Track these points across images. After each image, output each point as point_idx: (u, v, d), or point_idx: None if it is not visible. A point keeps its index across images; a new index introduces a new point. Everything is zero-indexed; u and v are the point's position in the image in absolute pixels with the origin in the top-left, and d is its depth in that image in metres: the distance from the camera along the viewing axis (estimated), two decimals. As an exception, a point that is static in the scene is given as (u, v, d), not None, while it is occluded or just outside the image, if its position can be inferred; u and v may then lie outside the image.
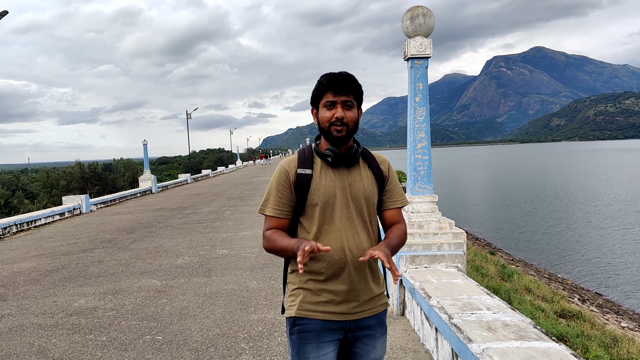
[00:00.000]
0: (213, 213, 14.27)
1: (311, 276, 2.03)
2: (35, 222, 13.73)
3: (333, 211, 2.02)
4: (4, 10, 15.09)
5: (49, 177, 46.12)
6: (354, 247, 2.01)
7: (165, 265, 7.69)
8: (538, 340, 3.07)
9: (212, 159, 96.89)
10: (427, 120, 5.59)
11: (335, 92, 1.99)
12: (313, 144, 2.16)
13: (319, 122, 2.06)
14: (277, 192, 2.07)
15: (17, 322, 5.30)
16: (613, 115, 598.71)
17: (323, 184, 2.03)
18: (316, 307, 2.02)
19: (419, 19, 5.36)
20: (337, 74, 2.01)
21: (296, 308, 2.04)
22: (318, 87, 2.04)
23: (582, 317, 7.72)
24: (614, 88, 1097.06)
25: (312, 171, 2.06)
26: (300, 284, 2.05)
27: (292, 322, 2.06)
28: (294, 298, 2.07)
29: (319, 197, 2.02)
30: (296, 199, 2.06)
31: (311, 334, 2.02)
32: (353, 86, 2.01)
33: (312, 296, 2.02)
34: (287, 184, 2.06)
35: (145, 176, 26.41)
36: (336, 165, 2.07)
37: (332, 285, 2.01)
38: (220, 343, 4.42)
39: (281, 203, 2.06)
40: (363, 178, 2.10)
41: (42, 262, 8.53)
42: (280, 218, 2.07)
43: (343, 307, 2.02)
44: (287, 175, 2.06)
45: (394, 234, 2.11)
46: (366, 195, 2.07)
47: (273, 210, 2.07)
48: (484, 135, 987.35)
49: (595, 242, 18.27)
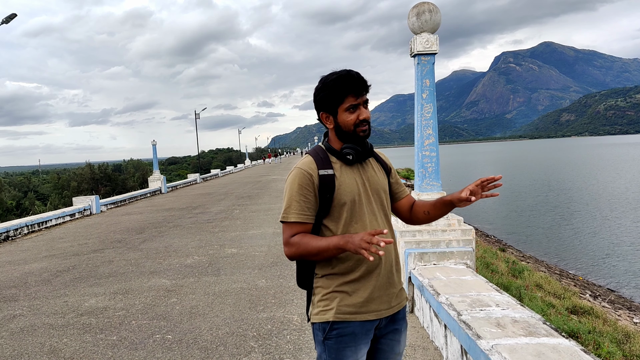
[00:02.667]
0: (222, 212, 14.31)
1: (345, 278, 1.98)
2: (46, 223, 13.85)
3: (361, 208, 2.01)
4: (13, 13, 15.23)
5: (60, 179, 46.48)
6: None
7: (175, 265, 7.72)
8: (548, 337, 3.05)
9: (221, 158, 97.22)
10: (434, 116, 5.56)
11: (358, 95, 1.97)
12: (323, 144, 2.12)
13: (341, 126, 2.01)
14: (300, 197, 1.98)
15: (28, 322, 5.35)
16: (624, 110, 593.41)
17: (346, 182, 2.01)
18: (354, 308, 1.97)
19: (425, 15, 5.34)
20: (350, 76, 1.97)
21: (333, 312, 1.97)
22: (334, 92, 1.98)
23: (594, 314, 7.66)
24: (625, 82, 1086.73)
25: (333, 171, 2.01)
26: (334, 287, 1.99)
27: (330, 327, 1.98)
28: (327, 302, 2.00)
29: (346, 195, 1.98)
30: (320, 201, 2.00)
31: (349, 337, 1.97)
32: (366, 84, 2.00)
33: (349, 298, 1.98)
34: (311, 187, 1.98)
35: (154, 176, 26.55)
36: (352, 163, 2.05)
37: (368, 282, 1.98)
38: (229, 341, 4.43)
39: (306, 207, 1.98)
40: (377, 172, 2.12)
41: (53, 262, 8.60)
42: (306, 223, 1.99)
43: (379, 304, 2.00)
44: (310, 179, 1.98)
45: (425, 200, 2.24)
46: (384, 188, 2.11)
47: (298, 215, 1.98)
48: (493, 131, 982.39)
49: (607, 237, 18.12)
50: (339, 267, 1.98)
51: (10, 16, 15.55)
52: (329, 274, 2.01)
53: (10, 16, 15.55)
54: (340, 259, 1.97)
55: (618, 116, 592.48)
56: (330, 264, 2.00)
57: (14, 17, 15.60)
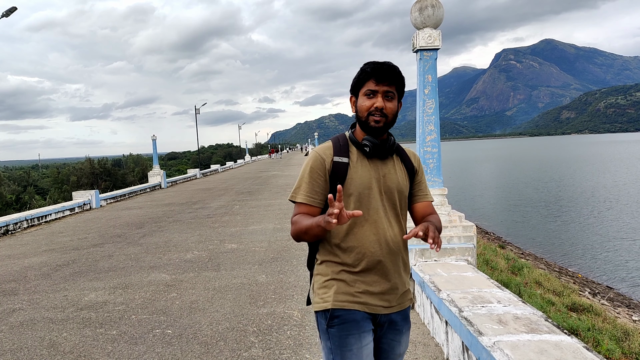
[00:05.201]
0: (222, 207, 14.30)
1: (344, 267, 1.98)
2: (45, 218, 13.83)
3: (369, 202, 1.97)
4: (13, 7, 15.17)
5: (60, 173, 46.47)
6: (389, 239, 1.98)
7: (175, 260, 7.71)
8: (550, 333, 3.04)
9: (221, 154, 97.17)
10: (436, 112, 5.54)
11: (378, 81, 1.93)
12: (348, 132, 2.11)
13: (357, 111, 2.01)
14: (311, 179, 2.00)
15: (28, 316, 5.34)
16: (624, 108, 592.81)
17: (359, 174, 1.98)
18: (352, 297, 1.96)
19: (427, 10, 5.31)
20: (382, 63, 1.96)
21: (332, 300, 1.97)
22: (360, 75, 1.98)
23: (593, 311, 7.66)
24: (625, 80, 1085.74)
25: (348, 160, 2.00)
26: (332, 274, 1.99)
27: (331, 315, 1.97)
28: (326, 290, 2.00)
29: (356, 186, 1.97)
30: (330, 187, 1.99)
31: (352, 324, 1.95)
32: (396, 77, 1.95)
33: (347, 287, 1.97)
34: (322, 172, 1.99)
35: (154, 171, 26.52)
36: (371, 156, 2.02)
37: (367, 277, 1.97)
38: (229, 337, 4.42)
39: (314, 191, 1.99)
40: (397, 170, 2.06)
41: (53, 256, 8.59)
42: (312, 206, 1.99)
43: (377, 299, 1.98)
44: (322, 163, 1.99)
45: (433, 217, 2.10)
46: (399, 188, 2.04)
47: (305, 197, 1.99)
48: (493, 128, 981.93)
49: (605, 234, 18.12)
50: (339, 257, 1.98)
51: (10, 9, 15.49)
52: (328, 261, 2.01)
53: (10, 9, 15.49)
54: (342, 249, 1.97)
55: (618, 114, 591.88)
56: (331, 252, 2.00)
57: (14, 10, 15.54)
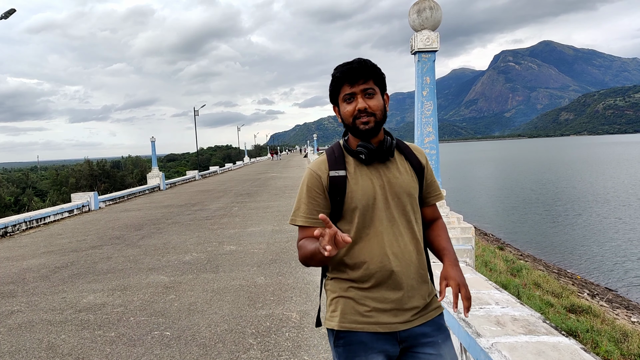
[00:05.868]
0: (221, 209, 14.29)
1: (353, 283, 1.84)
2: (44, 220, 13.82)
3: (375, 213, 1.82)
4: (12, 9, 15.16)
5: (59, 175, 46.45)
6: (398, 252, 1.82)
7: (174, 262, 7.71)
8: (548, 335, 3.04)
9: (220, 155, 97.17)
10: (434, 114, 5.55)
11: (352, 83, 1.79)
12: (341, 141, 1.95)
13: (343, 119, 1.86)
14: (309, 199, 1.87)
15: (26, 318, 5.34)
16: (622, 109, 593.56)
17: (360, 185, 1.83)
18: (361, 317, 1.82)
19: (425, 12, 5.32)
20: (350, 63, 1.82)
21: (338, 320, 1.85)
22: (332, 82, 1.86)
23: (592, 312, 7.67)
24: (624, 82, 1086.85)
25: (345, 172, 1.85)
26: (340, 291, 1.87)
27: (336, 335, 1.87)
28: (333, 308, 1.88)
29: (358, 199, 1.82)
30: (331, 204, 1.86)
31: (358, 346, 1.81)
32: (370, 71, 1.80)
33: (355, 305, 1.83)
34: (320, 189, 1.86)
35: (153, 173, 26.51)
36: (370, 162, 1.85)
37: (378, 293, 1.81)
38: (228, 338, 4.42)
39: (314, 211, 1.86)
40: (402, 172, 1.88)
41: (51, 258, 8.58)
42: (314, 227, 1.85)
43: (390, 316, 1.81)
44: (318, 180, 1.87)
45: (443, 238, 1.94)
46: (408, 192, 1.86)
47: (305, 219, 1.88)
48: (492, 130, 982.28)
49: (604, 236, 18.14)
50: (347, 273, 1.86)
51: (9, 11, 15.49)
52: (336, 277, 1.90)
53: (9, 11, 15.49)
54: (349, 266, 1.85)
55: (617, 115, 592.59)
56: (339, 268, 1.89)
57: (12, 12, 15.54)
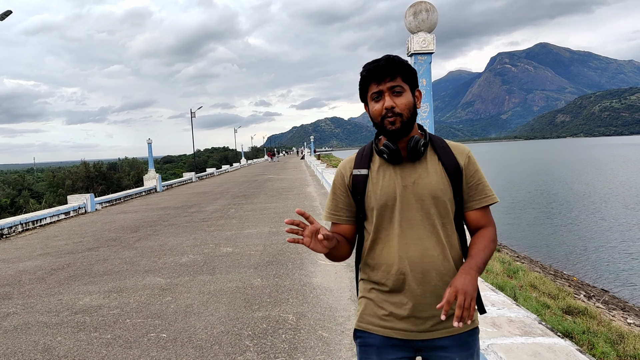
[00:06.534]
0: (217, 211, 14.28)
1: (374, 285, 1.83)
2: (40, 221, 13.78)
3: (392, 215, 1.77)
4: (8, 10, 15.14)
5: (55, 177, 46.30)
6: (415, 256, 1.74)
7: (170, 263, 7.70)
8: (543, 336, 3.05)
9: (217, 157, 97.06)
10: (430, 116, 5.57)
11: (379, 81, 1.73)
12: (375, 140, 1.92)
13: (372, 118, 1.81)
14: (334, 196, 1.91)
15: (22, 320, 5.32)
16: (618, 111, 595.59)
17: (380, 185, 1.79)
18: (377, 320, 1.81)
19: (422, 14, 5.34)
20: (377, 60, 1.76)
21: (358, 319, 1.87)
22: (360, 81, 1.81)
23: (588, 314, 7.68)
24: (619, 84, 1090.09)
25: (368, 171, 1.83)
26: (363, 292, 1.88)
27: (354, 334, 1.89)
28: (358, 307, 1.90)
29: (376, 199, 1.78)
30: (355, 203, 1.86)
31: (372, 348, 1.80)
32: (398, 67, 1.73)
33: (374, 308, 1.82)
34: (343, 187, 1.88)
35: (150, 175, 26.47)
36: (397, 162, 1.79)
37: (395, 297, 1.77)
38: (224, 340, 4.42)
39: (338, 207, 1.89)
40: (430, 173, 1.78)
41: (48, 260, 8.56)
42: (339, 223, 1.89)
43: (406, 323, 1.77)
44: (342, 178, 1.88)
45: (477, 246, 1.77)
46: (434, 194, 1.76)
47: (329, 215, 1.91)
48: (488, 132, 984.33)
49: (601, 238, 18.18)
50: (368, 274, 1.86)
51: (5, 13, 15.46)
52: (363, 279, 1.91)
53: (5, 13, 15.46)
54: (370, 267, 1.85)
55: (613, 117, 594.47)
56: (364, 270, 1.89)
57: (9, 14, 15.51)
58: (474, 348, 1.81)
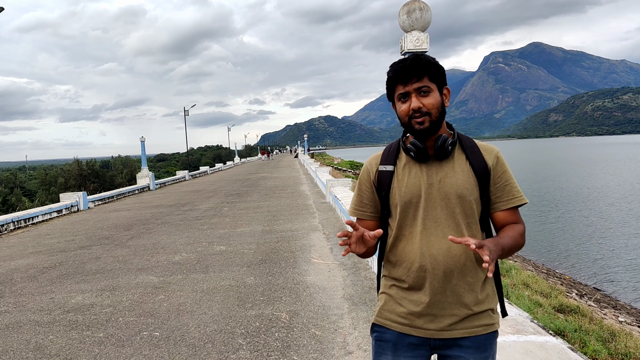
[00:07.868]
0: (211, 210, 14.25)
1: (395, 282, 1.84)
2: (32, 220, 13.70)
3: (416, 212, 1.77)
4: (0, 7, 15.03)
5: (47, 175, 46.07)
6: (438, 254, 1.73)
7: (163, 262, 7.68)
8: (535, 334, 3.06)
9: (210, 155, 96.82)
10: (424, 115, 5.57)
11: (405, 82, 1.73)
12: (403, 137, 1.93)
13: (399, 117, 1.81)
14: (359, 192, 1.92)
15: (14, 318, 5.29)
16: (611, 111, 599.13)
17: (405, 182, 1.79)
18: (395, 316, 1.81)
19: (415, 13, 5.34)
20: (403, 61, 1.76)
21: (376, 314, 1.88)
22: (387, 82, 1.81)
23: (580, 312, 7.72)
24: (612, 83, 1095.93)
25: (394, 168, 1.83)
26: (384, 288, 1.89)
27: (371, 328, 1.90)
28: (378, 302, 1.91)
29: (400, 196, 1.78)
30: (379, 199, 1.87)
31: (387, 344, 1.82)
32: (424, 68, 1.72)
33: (393, 304, 1.83)
34: (368, 183, 1.89)
35: (142, 173, 26.36)
36: (424, 160, 1.78)
37: (415, 295, 1.77)
38: (217, 339, 4.41)
39: (363, 203, 1.90)
40: (457, 172, 1.77)
41: (40, 259, 8.51)
42: (363, 219, 1.91)
43: (423, 321, 1.76)
44: (368, 174, 1.90)
45: (506, 232, 1.77)
46: (459, 193, 1.74)
47: (354, 210, 1.93)
48: (482, 131, 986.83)
49: (593, 236, 18.29)
50: (389, 270, 1.87)
51: (-3, 9, 15.32)
52: (385, 275, 1.92)
53: (-3, 9, 15.32)
54: (392, 264, 1.86)
55: (605, 117, 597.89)
56: (386, 266, 1.90)
57: (1, 10, 15.39)
58: (490, 351, 1.80)
